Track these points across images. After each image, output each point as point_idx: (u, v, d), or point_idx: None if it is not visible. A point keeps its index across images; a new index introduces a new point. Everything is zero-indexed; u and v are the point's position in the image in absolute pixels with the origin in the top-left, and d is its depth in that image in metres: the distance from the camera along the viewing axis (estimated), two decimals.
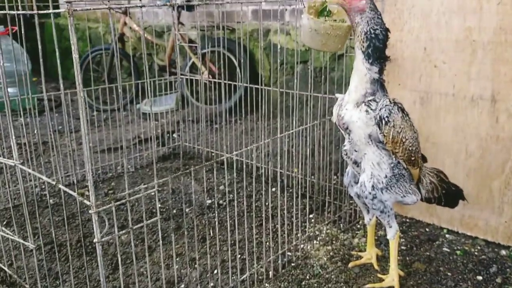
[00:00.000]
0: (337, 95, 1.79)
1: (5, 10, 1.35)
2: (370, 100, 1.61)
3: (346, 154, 1.77)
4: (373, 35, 1.56)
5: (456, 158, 2.14)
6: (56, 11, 1.08)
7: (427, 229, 2.29)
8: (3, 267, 1.92)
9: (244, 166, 1.72)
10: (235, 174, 1.52)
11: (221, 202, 2.60)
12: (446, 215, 2.25)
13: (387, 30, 1.60)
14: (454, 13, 1.99)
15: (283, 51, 3.34)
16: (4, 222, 2.39)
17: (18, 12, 1.23)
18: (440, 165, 2.09)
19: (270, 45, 3.89)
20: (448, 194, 1.89)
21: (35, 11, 1.18)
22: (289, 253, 2.08)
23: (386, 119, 1.58)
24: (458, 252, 2.09)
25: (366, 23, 1.56)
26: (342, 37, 1.69)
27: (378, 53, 1.57)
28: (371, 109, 1.60)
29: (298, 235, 2.20)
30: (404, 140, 1.62)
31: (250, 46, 4.19)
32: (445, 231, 2.27)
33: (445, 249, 2.12)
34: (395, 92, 2.22)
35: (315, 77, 3.56)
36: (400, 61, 2.18)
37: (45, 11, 1.15)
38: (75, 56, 1.06)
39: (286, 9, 3.76)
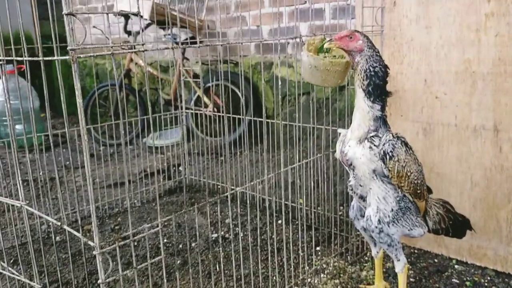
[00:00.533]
0: (339, 130, 1.80)
1: (12, 53, 1.39)
2: (373, 136, 1.62)
3: (352, 189, 1.78)
4: (372, 73, 1.59)
5: (462, 189, 2.13)
6: (61, 58, 1.11)
7: (435, 260, 2.27)
8: None
9: (249, 199, 1.72)
10: (238, 209, 1.53)
11: (227, 236, 2.60)
12: (454, 245, 2.22)
13: (386, 66, 1.62)
14: (452, 46, 2.02)
15: (286, 83, 3.39)
16: (11, 260, 2.40)
17: (24, 58, 1.27)
18: (446, 195, 2.08)
19: (273, 77, 3.95)
20: (455, 225, 1.88)
21: (41, 58, 1.22)
22: None
23: (390, 153, 1.59)
24: (467, 283, 2.06)
25: (365, 61, 1.60)
26: (342, 72, 1.71)
27: (378, 90, 1.60)
28: (375, 145, 1.61)
29: (305, 268, 2.18)
30: (409, 174, 1.63)
31: (254, 79, 4.25)
32: (454, 261, 2.24)
33: (454, 280, 2.09)
34: (398, 123, 2.23)
35: (319, 108, 3.59)
36: (401, 93, 2.21)
37: (50, 58, 1.18)
38: (79, 101, 1.08)
39: (288, 43, 3.83)
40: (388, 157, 1.59)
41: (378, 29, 2.18)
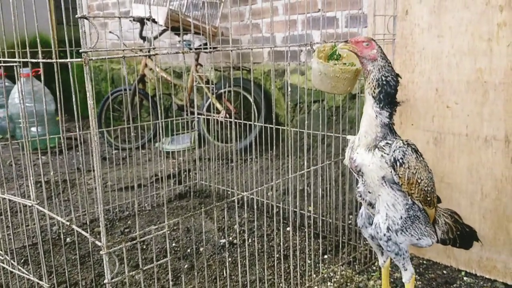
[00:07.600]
0: (348, 137, 1.80)
1: (27, 57, 1.42)
2: (384, 145, 1.62)
3: (360, 196, 1.77)
4: (384, 82, 1.60)
5: (472, 199, 2.12)
6: (73, 60, 1.14)
7: (444, 272, 2.24)
8: None
9: (258, 206, 1.73)
10: (246, 214, 1.53)
11: (235, 241, 2.60)
12: (463, 257, 2.20)
13: (397, 76, 1.64)
14: (464, 55, 2.02)
15: (298, 91, 3.39)
16: (22, 260, 2.43)
17: (39, 60, 1.30)
18: (456, 206, 2.06)
19: (286, 84, 3.96)
20: (463, 235, 1.86)
21: (55, 60, 1.24)
22: None
23: (401, 160, 1.59)
24: None
25: (378, 70, 1.61)
26: (351, 80, 1.72)
27: (389, 98, 1.61)
28: (386, 154, 1.61)
29: (312, 276, 2.18)
30: (419, 180, 1.62)
31: (266, 86, 4.27)
32: (463, 273, 2.21)
33: None
34: (408, 132, 2.23)
35: (330, 115, 3.60)
36: (412, 102, 2.20)
37: (63, 60, 1.21)
38: (90, 102, 1.11)
39: (301, 50, 3.84)
40: (398, 163, 1.59)
41: (390, 37, 2.18)
